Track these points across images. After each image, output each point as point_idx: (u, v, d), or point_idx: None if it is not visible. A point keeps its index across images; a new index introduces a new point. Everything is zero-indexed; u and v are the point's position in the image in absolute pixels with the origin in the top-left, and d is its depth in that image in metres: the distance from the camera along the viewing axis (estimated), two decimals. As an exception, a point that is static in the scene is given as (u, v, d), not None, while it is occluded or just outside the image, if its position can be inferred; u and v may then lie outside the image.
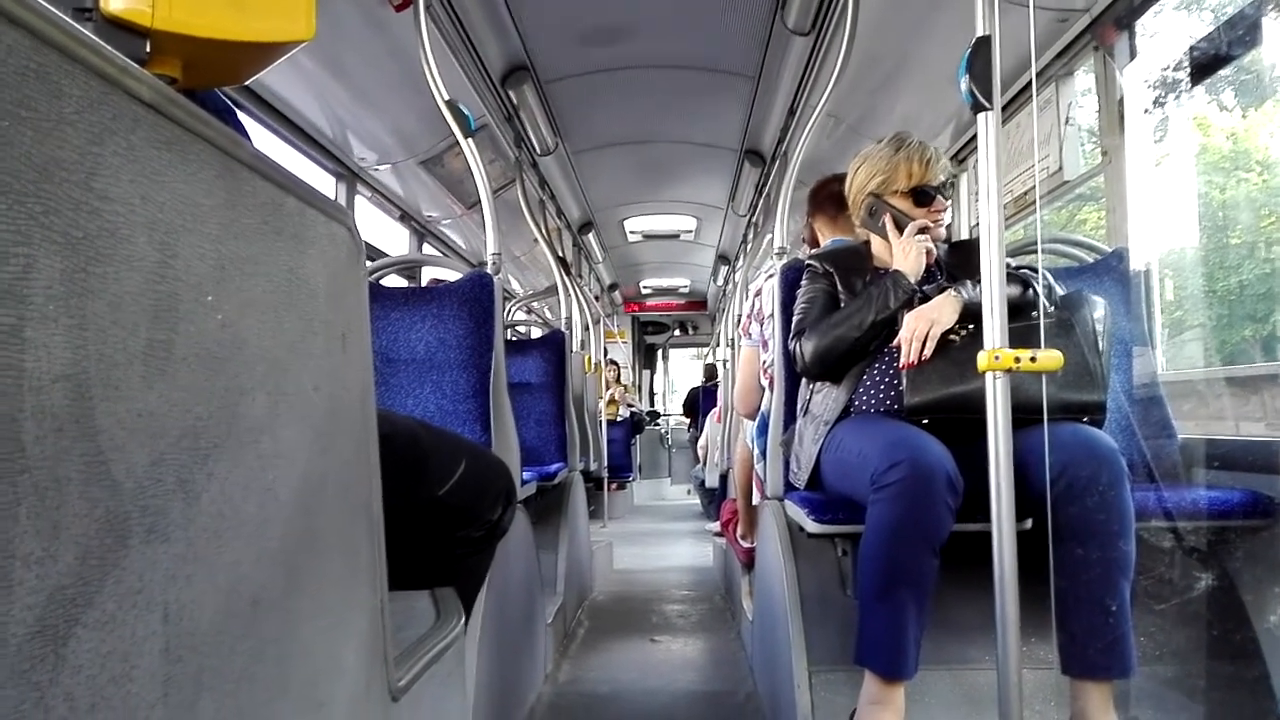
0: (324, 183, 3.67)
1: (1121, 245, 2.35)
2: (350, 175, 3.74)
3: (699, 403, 8.25)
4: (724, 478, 4.70)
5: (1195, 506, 1.76)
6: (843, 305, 1.94)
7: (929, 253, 1.91)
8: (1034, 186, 2.93)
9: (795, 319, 2.00)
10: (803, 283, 2.05)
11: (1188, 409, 2.12)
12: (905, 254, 1.89)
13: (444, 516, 1.29)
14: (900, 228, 1.92)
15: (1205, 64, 2.23)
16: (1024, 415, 1.37)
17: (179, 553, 0.50)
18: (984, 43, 1.34)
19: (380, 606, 0.85)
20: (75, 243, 0.43)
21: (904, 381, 1.76)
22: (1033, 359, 1.32)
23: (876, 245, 2.03)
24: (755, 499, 3.01)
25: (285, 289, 0.66)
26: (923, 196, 1.92)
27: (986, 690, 1.74)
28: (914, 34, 2.88)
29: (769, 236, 2.50)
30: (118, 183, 0.47)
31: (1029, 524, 1.63)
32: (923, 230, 1.90)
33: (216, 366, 0.55)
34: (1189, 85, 2.29)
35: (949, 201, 1.96)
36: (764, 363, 2.70)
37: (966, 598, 1.80)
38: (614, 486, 7.57)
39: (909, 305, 1.83)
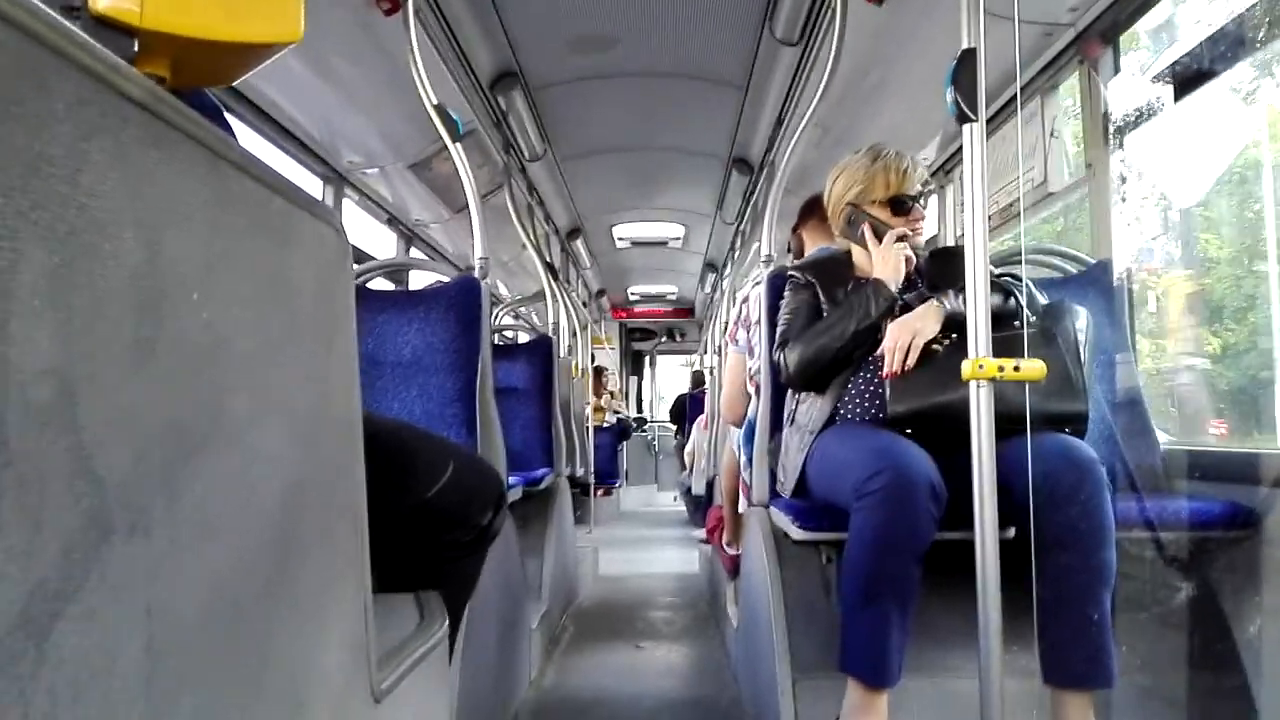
0: (311, 185, 3.65)
1: (1105, 257, 2.37)
2: (338, 178, 3.72)
3: (686, 409, 8.24)
4: (710, 484, 4.70)
5: (1177, 517, 1.77)
6: (825, 315, 1.95)
7: (908, 260, 1.92)
8: (1019, 198, 2.95)
9: (779, 330, 2.01)
10: (785, 294, 2.06)
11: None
12: (885, 262, 1.90)
13: (431, 520, 1.29)
14: (879, 236, 1.93)
15: (1190, 77, 2.25)
16: (1006, 425, 1.38)
17: (162, 549, 0.50)
18: (969, 55, 1.35)
19: (364, 608, 0.85)
20: (62, 238, 0.43)
21: (887, 391, 1.77)
22: (1016, 368, 1.33)
23: (857, 254, 2.04)
24: (741, 506, 3.02)
25: (271, 288, 0.66)
26: (900, 206, 1.94)
27: (968, 699, 1.74)
28: (901, 46, 2.89)
29: (756, 244, 2.51)
30: (105, 180, 0.47)
31: (1011, 533, 1.64)
32: (901, 238, 1.92)
33: (201, 364, 0.55)
34: (1173, 98, 2.30)
35: (926, 211, 1.98)
36: (750, 370, 2.70)
37: (949, 606, 1.80)
38: (600, 492, 7.56)
39: (890, 313, 1.84)
